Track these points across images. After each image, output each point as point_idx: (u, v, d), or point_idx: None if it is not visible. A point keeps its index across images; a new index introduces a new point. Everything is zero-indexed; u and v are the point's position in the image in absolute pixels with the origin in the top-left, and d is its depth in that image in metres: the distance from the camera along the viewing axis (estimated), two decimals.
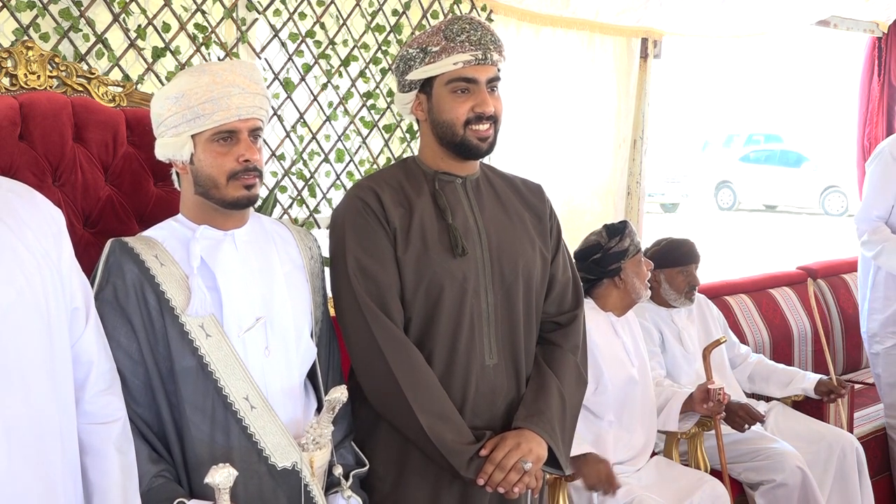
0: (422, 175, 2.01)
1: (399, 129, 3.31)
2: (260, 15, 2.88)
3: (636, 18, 3.94)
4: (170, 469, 1.71)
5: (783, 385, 3.45)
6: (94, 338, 1.58)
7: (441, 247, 1.94)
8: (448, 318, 1.94)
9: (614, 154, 4.11)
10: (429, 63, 1.92)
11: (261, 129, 1.80)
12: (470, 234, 1.98)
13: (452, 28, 1.91)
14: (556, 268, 2.12)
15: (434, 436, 1.86)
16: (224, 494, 1.51)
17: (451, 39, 1.90)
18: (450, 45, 1.90)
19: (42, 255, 1.45)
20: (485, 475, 1.88)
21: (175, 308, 1.71)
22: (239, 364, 1.73)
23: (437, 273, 1.93)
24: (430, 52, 1.92)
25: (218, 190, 1.75)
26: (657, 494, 2.65)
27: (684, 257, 3.26)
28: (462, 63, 1.90)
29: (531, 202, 2.12)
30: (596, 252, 2.76)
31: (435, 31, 1.94)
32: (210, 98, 1.72)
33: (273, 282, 1.81)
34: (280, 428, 1.74)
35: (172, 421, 1.71)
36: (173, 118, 1.75)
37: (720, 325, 3.51)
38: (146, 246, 1.74)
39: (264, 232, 1.88)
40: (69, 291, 1.52)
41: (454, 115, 1.93)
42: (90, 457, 1.55)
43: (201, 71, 1.77)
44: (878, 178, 3.68)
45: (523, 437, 1.92)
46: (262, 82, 1.83)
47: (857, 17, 4.77)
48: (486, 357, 1.98)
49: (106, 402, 1.59)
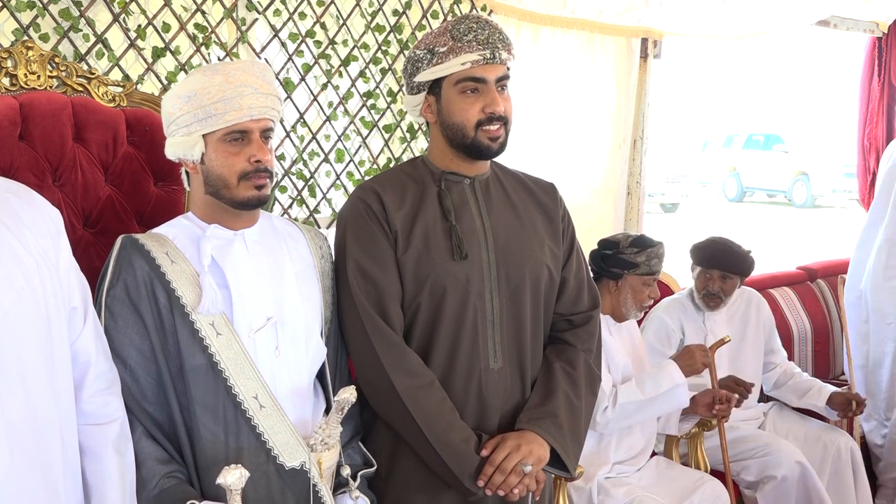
0: (429, 175, 1.99)
1: (399, 129, 3.31)
2: (260, 15, 2.88)
3: (636, 19, 3.94)
4: (181, 469, 1.70)
5: (799, 394, 3.41)
6: (93, 337, 1.57)
7: (443, 249, 1.92)
8: (450, 321, 1.92)
9: (614, 154, 4.10)
10: (436, 64, 1.89)
11: (272, 129, 1.79)
12: (475, 236, 1.95)
13: (459, 28, 1.88)
14: (568, 270, 2.08)
15: (436, 441, 1.85)
16: (236, 495, 1.50)
17: (458, 39, 1.87)
18: (457, 45, 1.87)
19: (41, 256, 1.45)
20: (485, 477, 1.86)
21: (186, 306, 1.70)
22: (249, 363, 1.72)
23: (440, 275, 1.91)
24: (438, 52, 1.89)
25: (229, 190, 1.74)
26: (657, 494, 2.65)
27: (706, 260, 3.19)
28: (470, 63, 1.87)
29: (543, 202, 2.08)
30: (610, 248, 2.76)
31: (442, 32, 1.91)
32: (222, 98, 1.71)
33: (284, 281, 1.81)
34: (289, 428, 1.74)
35: (183, 421, 1.71)
36: (185, 117, 1.73)
37: (763, 329, 3.43)
38: (157, 243, 1.74)
39: (275, 231, 1.87)
40: (67, 291, 1.51)
41: (465, 117, 1.90)
42: (88, 458, 1.55)
43: (214, 70, 1.75)
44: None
45: (524, 438, 1.90)
46: (274, 83, 1.82)
47: (857, 17, 4.77)
48: (491, 360, 1.95)
49: (104, 403, 1.58)
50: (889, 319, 3.73)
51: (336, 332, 1.95)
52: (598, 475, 2.67)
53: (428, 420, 1.85)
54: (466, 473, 1.86)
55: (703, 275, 3.20)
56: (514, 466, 1.86)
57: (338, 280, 1.94)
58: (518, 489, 1.87)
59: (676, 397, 2.68)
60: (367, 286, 1.89)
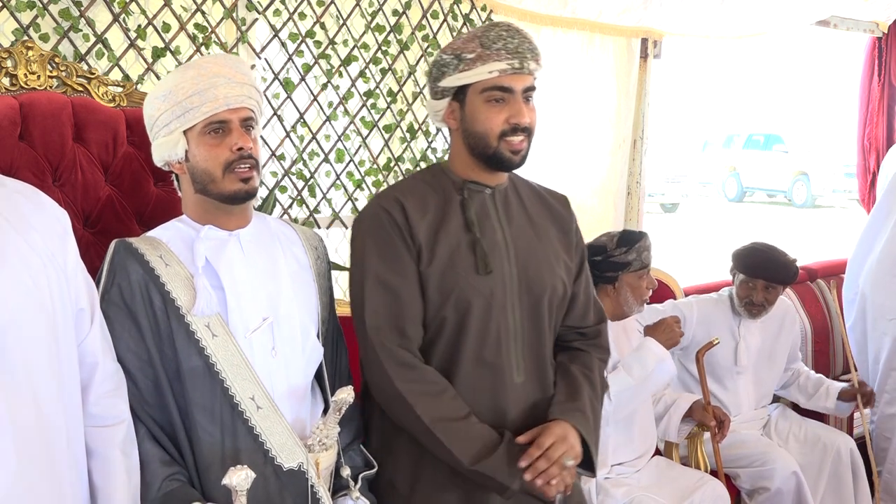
0: (450, 184, 1.94)
1: (399, 129, 3.31)
2: (260, 15, 2.88)
3: (636, 19, 3.94)
4: (183, 472, 1.69)
5: (807, 395, 3.40)
6: (99, 339, 1.57)
7: (468, 262, 1.87)
8: (475, 335, 1.87)
9: (614, 154, 4.11)
10: (463, 70, 1.84)
11: (253, 118, 1.77)
12: (497, 249, 1.90)
13: (489, 35, 1.83)
14: (578, 285, 2.04)
15: (459, 448, 1.79)
16: (241, 497, 1.49)
17: (487, 47, 1.82)
18: (485, 53, 1.82)
19: (48, 257, 1.45)
20: (529, 458, 1.77)
21: (181, 308, 1.69)
22: (245, 364, 1.71)
23: (464, 289, 1.86)
24: (465, 58, 1.84)
25: (215, 184, 1.73)
26: (657, 494, 2.65)
27: (750, 269, 3.12)
28: (498, 72, 1.82)
29: (557, 214, 2.04)
30: (598, 254, 2.72)
31: (471, 38, 1.85)
32: (196, 91, 1.70)
33: (279, 282, 1.80)
34: (286, 428, 1.73)
35: (182, 423, 1.70)
36: (164, 116, 1.74)
37: (790, 343, 3.40)
38: (150, 246, 1.73)
39: (269, 232, 1.86)
40: (75, 292, 1.51)
41: (488, 126, 1.85)
42: (94, 460, 1.55)
43: (186, 67, 1.76)
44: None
45: (566, 430, 1.84)
46: (249, 73, 1.80)
47: (857, 17, 4.77)
48: (515, 374, 1.91)
49: (111, 405, 1.58)
50: (890, 315, 3.72)
51: (334, 333, 1.95)
52: (597, 475, 2.66)
53: (443, 425, 1.80)
54: (498, 469, 1.79)
55: (747, 283, 3.14)
56: (559, 458, 1.79)
57: (352, 286, 1.90)
58: (555, 481, 1.79)
59: (665, 371, 2.69)
60: (386, 298, 1.84)
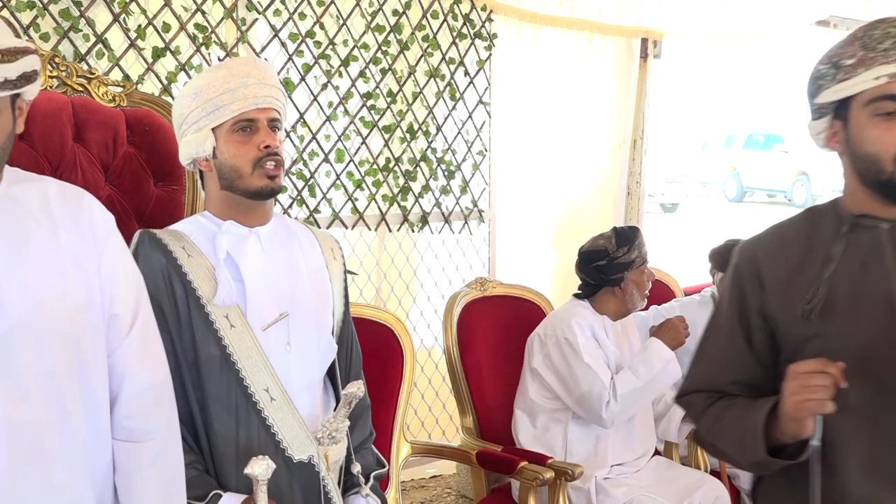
0: (835, 219, 1.58)
1: (399, 129, 3.31)
2: (260, 15, 2.88)
3: (636, 19, 3.94)
4: (200, 460, 1.73)
5: None
6: (137, 350, 1.47)
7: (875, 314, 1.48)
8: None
9: (614, 154, 4.11)
10: (841, 80, 1.50)
11: (279, 120, 1.82)
12: None
13: (873, 34, 1.49)
14: None
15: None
16: (262, 486, 1.53)
17: (870, 48, 1.48)
18: (869, 56, 1.47)
19: (72, 260, 1.38)
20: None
21: (201, 297, 1.73)
22: (261, 355, 1.74)
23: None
24: (844, 66, 1.51)
25: (242, 180, 1.77)
26: (657, 494, 2.65)
27: (727, 265, 3.15)
28: (887, 77, 1.45)
29: None
30: (601, 258, 2.70)
31: (850, 41, 1.53)
32: (227, 89, 1.75)
33: (297, 279, 1.84)
34: (298, 421, 1.76)
35: (199, 413, 1.74)
36: (194, 114, 1.78)
37: None
38: (174, 238, 1.77)
39: (288, 231, 1.90)
40: (108, 298, 1.42)
41: (880, 147, 1.47)
42: (118, 475, 1.45)
43: (217, 67, 1.81)
44: None
45: None
46: (276, 77, 1.86)
47: (857, 17, 4.77)
48: None
49: (142, 419, 1.45)
50: None
51: (349, 333, 1.98)
52: (597, 475, 2.67)
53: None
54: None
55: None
56: None
57: (707, 328, 1.72)
58: None
59: (670, 373, 2.69)
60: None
